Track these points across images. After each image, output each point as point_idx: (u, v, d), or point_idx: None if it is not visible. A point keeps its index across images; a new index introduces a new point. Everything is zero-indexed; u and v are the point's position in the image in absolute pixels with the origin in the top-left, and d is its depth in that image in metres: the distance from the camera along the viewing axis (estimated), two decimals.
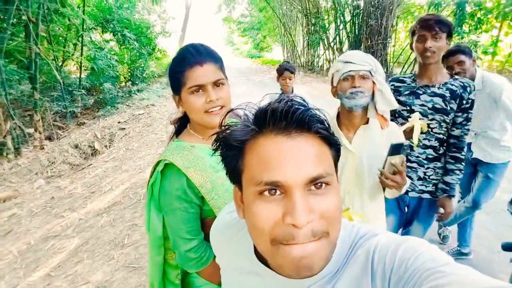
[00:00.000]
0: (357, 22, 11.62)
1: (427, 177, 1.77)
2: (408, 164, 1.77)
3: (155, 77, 11.59)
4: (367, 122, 1.38)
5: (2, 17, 5.43)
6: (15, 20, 5.74)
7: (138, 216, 3.41)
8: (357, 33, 11.70)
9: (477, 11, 8.31)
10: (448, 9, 8.82)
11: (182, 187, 0.97)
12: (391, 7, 10.43)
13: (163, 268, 1.11)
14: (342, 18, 12.18)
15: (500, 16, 8.31)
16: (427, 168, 1.76)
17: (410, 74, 1.81)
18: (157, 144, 5.71)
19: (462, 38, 8.04)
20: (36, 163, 5.16)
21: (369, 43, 11.02)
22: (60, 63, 8.24)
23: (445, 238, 2.74)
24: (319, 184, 0.47)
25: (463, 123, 1.67)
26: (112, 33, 9.56)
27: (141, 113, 7.68)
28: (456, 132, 1.69)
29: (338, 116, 1.43)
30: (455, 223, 2.52)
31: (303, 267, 0.46)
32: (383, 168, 1.29)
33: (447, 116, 1.65)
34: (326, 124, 0.51)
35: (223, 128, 0.54)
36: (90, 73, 8.64)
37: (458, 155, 1.70)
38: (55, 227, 3.39)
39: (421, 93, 1.70)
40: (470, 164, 2.39)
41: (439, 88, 1.66)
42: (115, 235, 3.12)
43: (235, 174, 0.54)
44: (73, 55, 8.64)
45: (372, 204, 1.41)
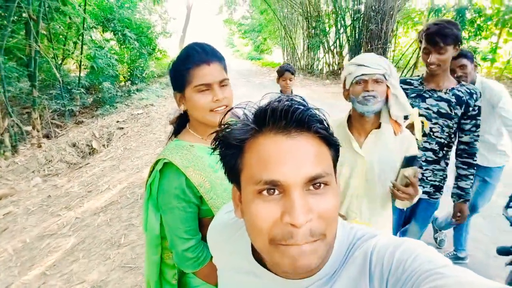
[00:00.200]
0: (357, 26, 11.69)
1: (425, 178, 1.79)
2: None
3: (155, 77, 11.59)
4: (379, 126, 1.33)
5: (2, 14, 5.43)
6: (15, 17, 5.75)
7: (135, 216, 3.40)
8: (357, 37, 11.76)
9: (477, 17, 8.38)
10: (448, 15, 8.88)
11: (180, 186, 0.97)
12: (391, 12, 10.49)
13: (160, 267, 1.10)
14: (342, 22, 12.24)
15: (499, 23, 8.37)
16: (425, 169, 1.78)
17: (417, 76, 1.81)
18: (155, 144, 5.70)
19: (461, 44, 8.10)
20: (33, 161, 5.14)
21: (369, 47, 11.07)
22: (60, 61, 8.23)
23: (441, 242, 2.74)
24: (318, 184, 0.47)
25: (472, 129, 1.69)
26: (112, 32, 9.57)
27: (140, 112, 7.67)
28: (465, 139, 1.72)
29: (349, 119, 1.38)
30: (451, 227, 2.54)
31: (300, 266, 0.46)
32: (395, 180, 1.26)
33: (450, 121, 1.67)
34: (326, 124, 0.51)
35: (222, 127, 0.54)
36: (90, 72, 8.63)
37: (470, 160, 1.73)
38: (51, 225, 3.37)
39: (427, 96, 1.71)
40: None
41: (445, 93, 1.68)
42: (111, 234, 3.10)
43: (234, 173, 0.53)
44: (73, 53, 8.63)
45: (381, 211, 1.38)
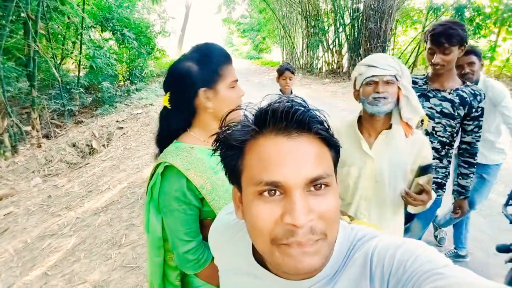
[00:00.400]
0: (356, 25, 11.69)
1: None
2: None
3: (154, 76, 11.57)
4: (390, 127, 1.30)
5: (1, 14, 5.41)
6: (14, 17, 5.73)
7: (136, 215, 3.40)
8: (356, 36, 11.76)
9: (476, 16, 8.39)
10: (447, 13, 8.88)
11: (181, 188, 0.97)
12: (390, 11, 10.49)
13: (163, 269, 1.11)
14: (341, 20, 12.24)
15: (498, 21, 8.39)
16: None
17: (422, 75, 1.82)
18: (155, 144, 5.69)
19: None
20: (33, 161, 5.13)
21: (368, 46, 11.08)
22: (59, 61, 8.21)
23: (441, 240, 2.75)
24: (319, 185, 0.47)
25: (474, 130, 1.71)
26: (111, 31, 9.54)
27: (139, 112, 7.66)
28: (467, 139, 1.75)
29: (359, 119, 1.36)
30: (451, 224, 2.55)
31: (303, 267, 0.46)
32: (409, 188, 1.24)
33: (453, 121, 1.68)
34: (326, 125, 0.51)
35: (223, 128, 0.54)
36: (89, 71, 8.61)
37: (471, 160, 1.77)
38: (52, 226, 3.37)
39: (431, 96, 1.72)
40: None
41: (449, 93, 1.68)
42: (112, 234, 3.10)
43: (234, 175, 0.54)
44: (72, 53, 8.62)
45: (393, 216, 1.35)
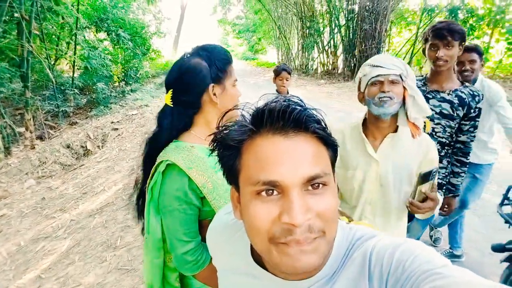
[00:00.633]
0: (351, 26, 11.76)
1: None
2: None
3: (149, 77, 11.53)
4: (396, 129, 1.28)
5: None
6: (7, 17, 5.67)
7: (131, 217, 3.37)
8: (351, 37, 11.84)
9: (469, 17, 8.50)
10: (441, 15, 8.97)
11: (182, 188, 0.96)
12: (385, 12, 10.58)
13: (163, 271, 1.10)
14: (336, 22, 12.31)
15: (491, 23, 8.50)
16: None
17: (421, 76, 1.82)
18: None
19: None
20: (26, 163, 5.07)
21: (363, 47, 11.15)
22: (53, 62, 8.14)
23: (436, 240, 2.77)
24: (316, 185, 0.47)
25: (470, 129, 1.72)
26: (106, 32, 9.49)
27: (134, 113, 7.62)
28: (462, 138, 1.76)
29: (364, 122, 1.34)
30: (445, 224, 2.57)
31: (301, 266, 0.46)
32: (413, 197, 1.22)
33: (452, 122, 1.70)
34: (323, 124, 0.51)
35: (220, 128, 0.54)
36: (83, 72, 8.55)
37: (463, 159, 1.79)
38: (45, 228, 3.33)
39: (430, 97, 1.73)
40: None
41: (448, 94, 1.69)
42: (107, 236, 3.08)
43: (232, 174, 0.53)
44: (66, 53, 8.55)
45: (397, 222, 1.35)
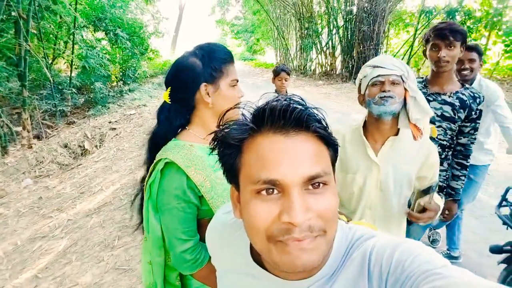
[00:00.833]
0: (349, 28, 11.78)
1: None
2: None
3: (147, 77, 11.50)
4: (396, 133, 1.26)
5: None
6: (4, 16, 5.64)
7: (129, 217, 3.36)
8: (349, 38, 11.86)
9: (467, 20, 8.54)
10: (438, 17, 9.01)
11: (181, 186, 0.96)
12: (383, 14, 10.61)
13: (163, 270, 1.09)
14: (335, 23, 12.33)
15: (488, 25, 8.55)
16: None
17: (420, 78, 1.80)
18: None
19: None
20: (23, 162, 5.04)
21: (361, 48, 11.18)
22: (51, 61, 8.11)
23: (434, 241, 2.78)
24: (317, 184, 0.47)
25: (471, 132, 1.71)
26: (104, 31, 9.45)
27: (132, 113, 7.60)
28: (463, 141, 1.74)
29: (364, 125, 1.32)
30: (443, 225, 2.58)
31: (299, 265, 0.46)
32: (412, 209, 1.23)
33: (454, 124, 1.68)
34: (324, 123, 0.51)
35: (221, 127, 0.54)
36: (81, 71, 8.52)
37: (464, 162, 1.76)
38: (42, 227, 3.32)
39: (431, 100, 1.71)
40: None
41: (449, 96, 1.68)
42: (104, 236, 3.06)
43: (232, 173, 0.53)
44: (64, 53, 8.52)
45: (398, 229, 1.34)
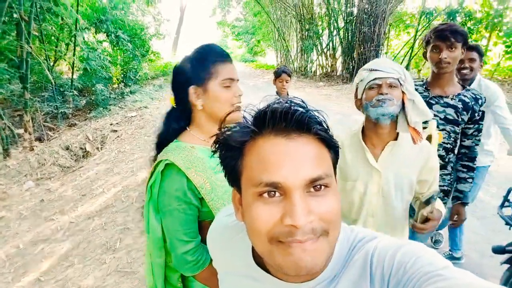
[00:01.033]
0: (350, 29, 11.79)
1: None
2: None
3: (148, 79, 11.54)
4: (396, 137, 1.24)
5: None
6: (6, 18, 5.66)
7: (130, 219, 3.36)
8: (350, 39, 11.87)
9: (467, 21, 8.54)
10: (439, 18, 9.02)
11: (182, 188, 0.97)
12: (383, 15, 10.62)
13: (164, 271, 1.09)
14: (335, 24, 12.34)
15: (489, 26, 8.55)
16: None
17: (421, 81, 1.79)
18: (149, 146, 5.66)
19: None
20: (25, 165, 5.06)
21: (361, 49, 11.19)
22: (52, 63, 8.14)
23: (436, 242, 2.77)
24: (318, 186, 0.47)
25: (474, 133, 1.70)
26: (105, 33, 9.50)
27: (133, 115, 7.62)
28: (467, 143, 1.73)
29: (363, 130, 1.30)
30: (446, 226, 2.57)
31: (302, 267, 0.45)
32: (415, 220, 1.21)
33: (457, 127, 1.67)
34: (325, 126, 0.51)
35: (223, 129, 0.54)
36: (83, 73, 8.55)
37: (470, 164, 1.74)
38: (44, 230, 3.32)
39: (433, 103, 1.69)
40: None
41: (452, 99, 1.66)
42: (106, 239, 3.07)
43: (234, 176, 0.53)
44: (65, 55, 8.56)
45: (401, 231, 1.33)
